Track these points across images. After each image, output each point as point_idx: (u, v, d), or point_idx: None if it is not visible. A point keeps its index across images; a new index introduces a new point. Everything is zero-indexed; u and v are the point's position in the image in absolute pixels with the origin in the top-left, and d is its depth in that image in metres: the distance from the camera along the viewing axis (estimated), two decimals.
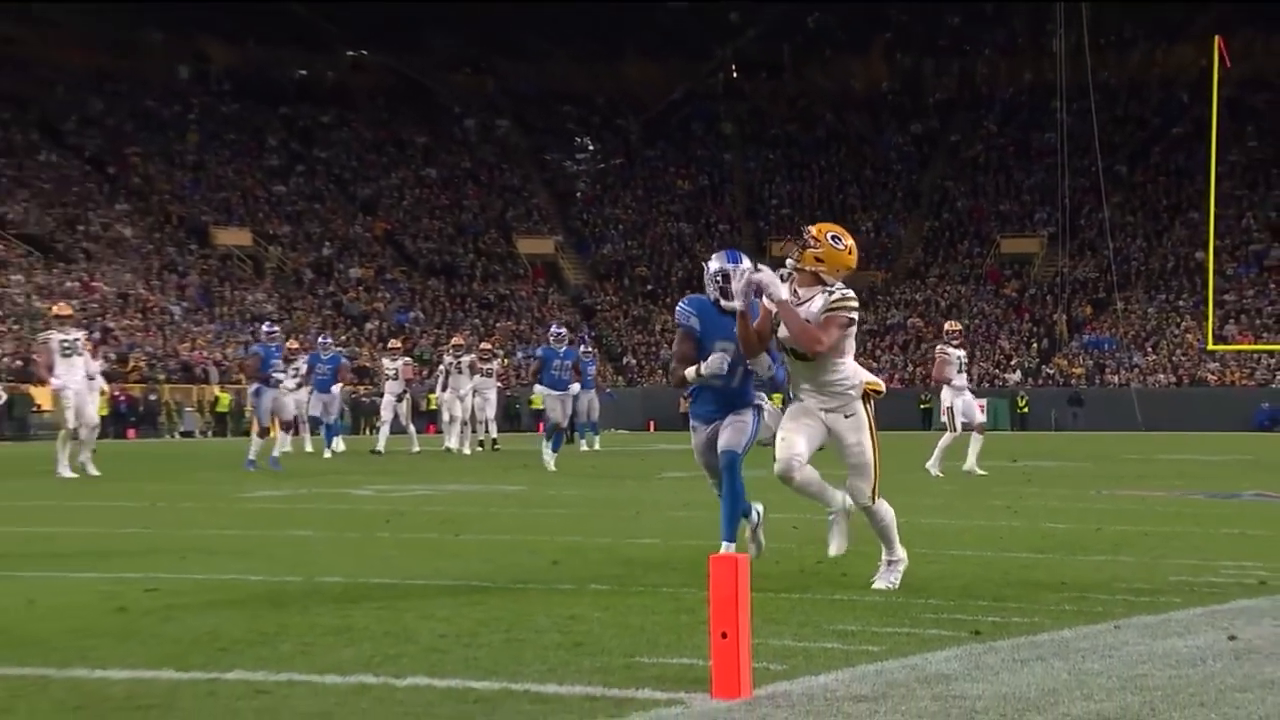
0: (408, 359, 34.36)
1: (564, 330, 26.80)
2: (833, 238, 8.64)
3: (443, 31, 79.12)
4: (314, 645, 6.58)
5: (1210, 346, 48.05)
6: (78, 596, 8.24)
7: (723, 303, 9.16)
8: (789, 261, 8.61)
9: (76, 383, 21.35)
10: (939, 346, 22.17)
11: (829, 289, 8.58)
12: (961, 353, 21.83)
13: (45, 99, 70.00)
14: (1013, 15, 78.03)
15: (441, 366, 32.02)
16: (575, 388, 25.80)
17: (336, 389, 29.68)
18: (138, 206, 66.59)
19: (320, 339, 32.84)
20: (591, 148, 77.24)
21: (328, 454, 28.14)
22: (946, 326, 22.65)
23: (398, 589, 8.50)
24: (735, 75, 79.43)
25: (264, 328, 27.18)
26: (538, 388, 25.37)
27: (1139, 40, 75.66)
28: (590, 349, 37.12)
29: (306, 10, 75.22)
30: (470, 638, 6.76)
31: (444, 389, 30.85)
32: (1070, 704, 5.31)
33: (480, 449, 30.65)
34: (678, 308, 9.57)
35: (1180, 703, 5.32)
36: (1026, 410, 55.90)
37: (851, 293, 8.69)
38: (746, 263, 9.14)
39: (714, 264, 9.38)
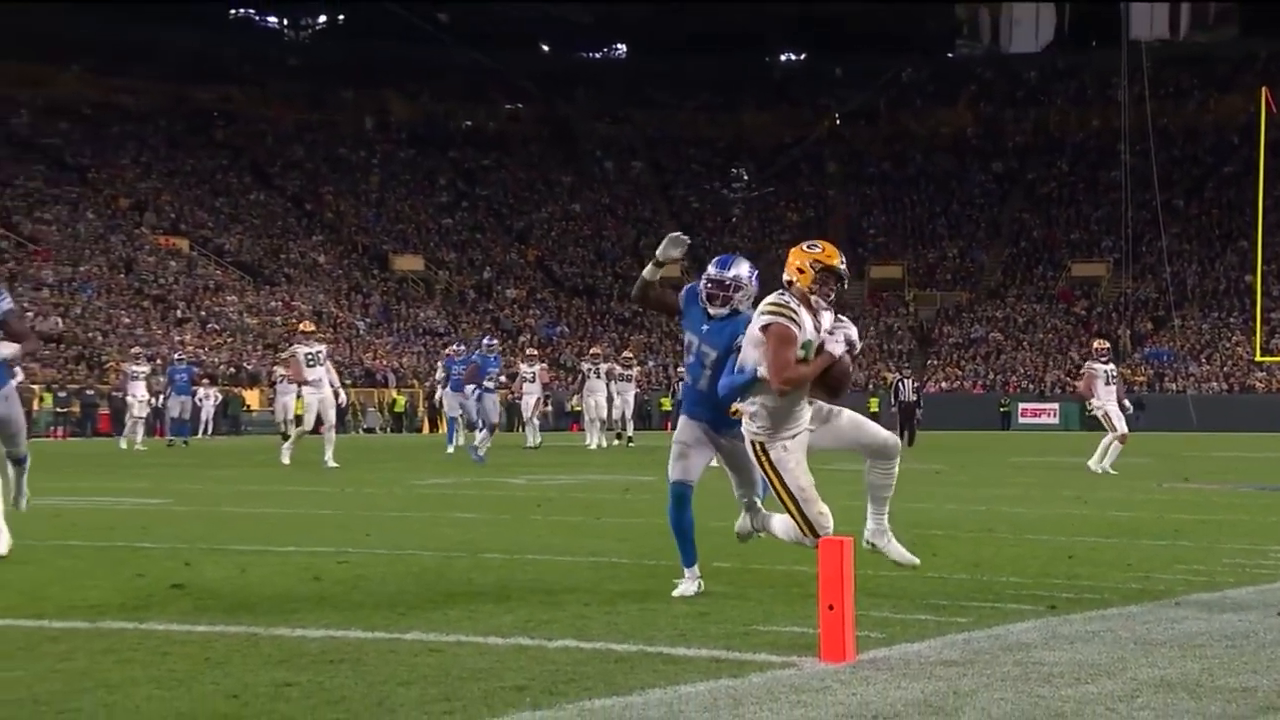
0: (543, 364, 34.25)
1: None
2: (807, 246, 7.56)
3: (586, 87, 79.62)
4: (478, 611, 6.62)
5: (1258, 358, 47.42)
6: (281, 567, 8.36)
7: (709, 309, 7.68)
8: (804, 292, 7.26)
9: (321, 389, 21.27)
10: (1088, 363, 21.29)
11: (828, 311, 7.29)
12: (1110, 367, 20.77)
13: (256, 148, 71.26)
14: (1082, 69, 77.04)
15: (581, 373, 31.98)
16: None
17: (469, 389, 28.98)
18: (330, 237, 67.56)
19: (486, 340, 32.30)
20: (716, 185, 77.16)
21: (450, 449, 27.00)
22: (1095, 345, 21.88)
23: (548, 564, 8.52)
24: (838, 122, 79.01)
25: (484, 340, 26.83)
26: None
27: (1194, 91, 74.42)
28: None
29: (472, 71, 75.91)
30: (610, 607, 6.77)
31: (580, 393, 30.80)
32: (1136, 670, 5.21)
33: (617, 443, 30.70)
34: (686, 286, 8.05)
35: (1234, 669, 5.20)
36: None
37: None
38: (744, 269, 7.84)
39: (711, 269, 7.87)
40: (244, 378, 51.00)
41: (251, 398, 49.24)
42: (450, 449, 27.01)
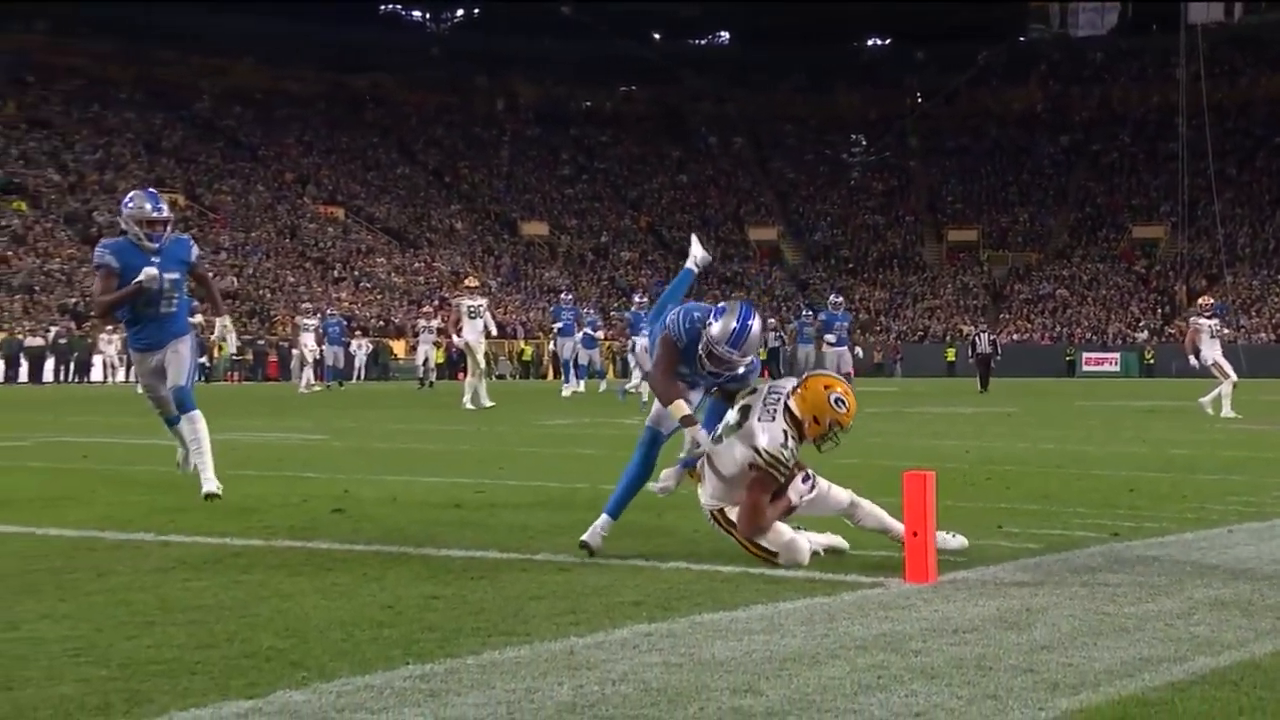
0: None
1: (841, 299, 24.79)
2: (836, 400, 5.86)
3: (693, 71, 79.14)
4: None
5: None
6: (426, 495, 8.45)
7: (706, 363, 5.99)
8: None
9: (477, 339, 21.23)
10: (1192, 318, 20.16)
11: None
12: (1214, 322, 19.46)
13: (402, 127, 71.83)
14: (1143, 51, 75.04)
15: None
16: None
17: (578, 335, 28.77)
18: (466, 206, 68.01)
19: (564, 295, 31.87)
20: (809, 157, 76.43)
21: (565, 392, 26.38)
22: (1200, 301, 20.85)
23: (661, 498, 8.52)
24: (920, 100, 77.82)
25: (635, 298, 26.51)
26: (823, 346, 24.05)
27: (1246, 69, 72.26)
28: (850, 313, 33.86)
29: (591, 58, 75.80)
30: (716, 534, 6.74)
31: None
32: (1193, 590, 5.11)
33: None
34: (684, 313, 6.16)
35: None
36: (1153, 361, 53.85)
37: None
38: (751, 353, 6.03)
39: (719, 346, 5.92)
40: (391, 330, 51.62)
41: (398, 347, 49.84)
42: (565, 392, 26.52)
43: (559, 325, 28.41)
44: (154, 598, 4.94)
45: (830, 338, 22.44)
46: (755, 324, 5.95)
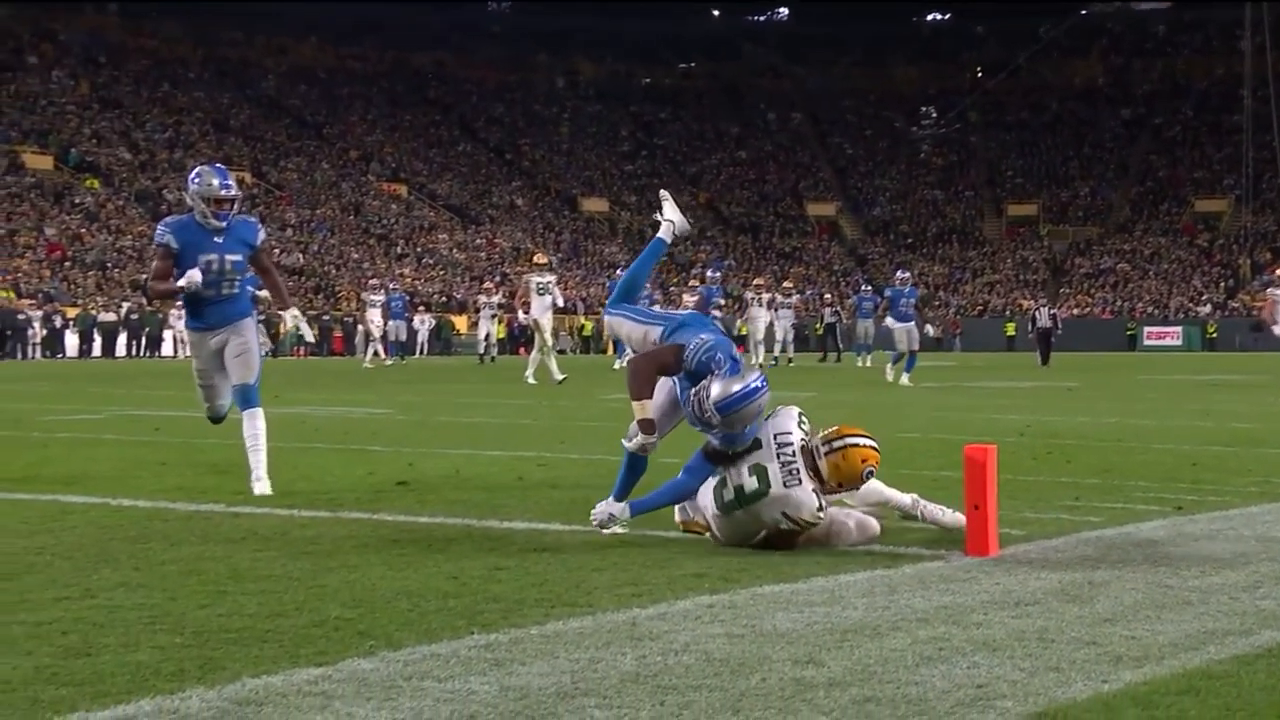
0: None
1: (908, 274, 24.34)
2: (867, 474, 5.54)
3: (752, 47, 78.71)
4: (660, 510, 6.64)
5: None
6: (489, 468, 8.48)
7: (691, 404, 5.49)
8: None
9: (546, 315, 21.26)
10: (1270, 289, 19.73)
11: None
12: None
13: (464, 105, 72.05)
14: (1207, 22, 73.71)
15: (745, 301, 31.67)
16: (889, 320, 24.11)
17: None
18: (526, 183, 68.15)
19: (618, 272, 31.73)
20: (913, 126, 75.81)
21: (617, 365, 26.51)
22: (1278, 272, 20.41)
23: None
24: (980, 74, 76.95)
25: (709, 272, 26.12)
26: (888, 320, 23.58)
27: None
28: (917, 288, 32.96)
29: (650, 35, 75.56)
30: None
31: (744, 318, 30.51)
32: (1258, 564, 5.03)
33: (774, 364, 30.53)
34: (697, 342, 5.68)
35: None
36: (1215, 335, 53.10)
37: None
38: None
39: (717, 386, 5.39)
40: (453, 305, 51.89)
41: (460, 323, 50.10)
42: (617, 365, 26.90)
43: None
44: (225, 567, 5.01)
45: (896, 313, 21.87)
46: (758, 402, 5.35)
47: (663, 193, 6.64)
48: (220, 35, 66.53)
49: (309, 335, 8.65)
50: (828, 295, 47.68)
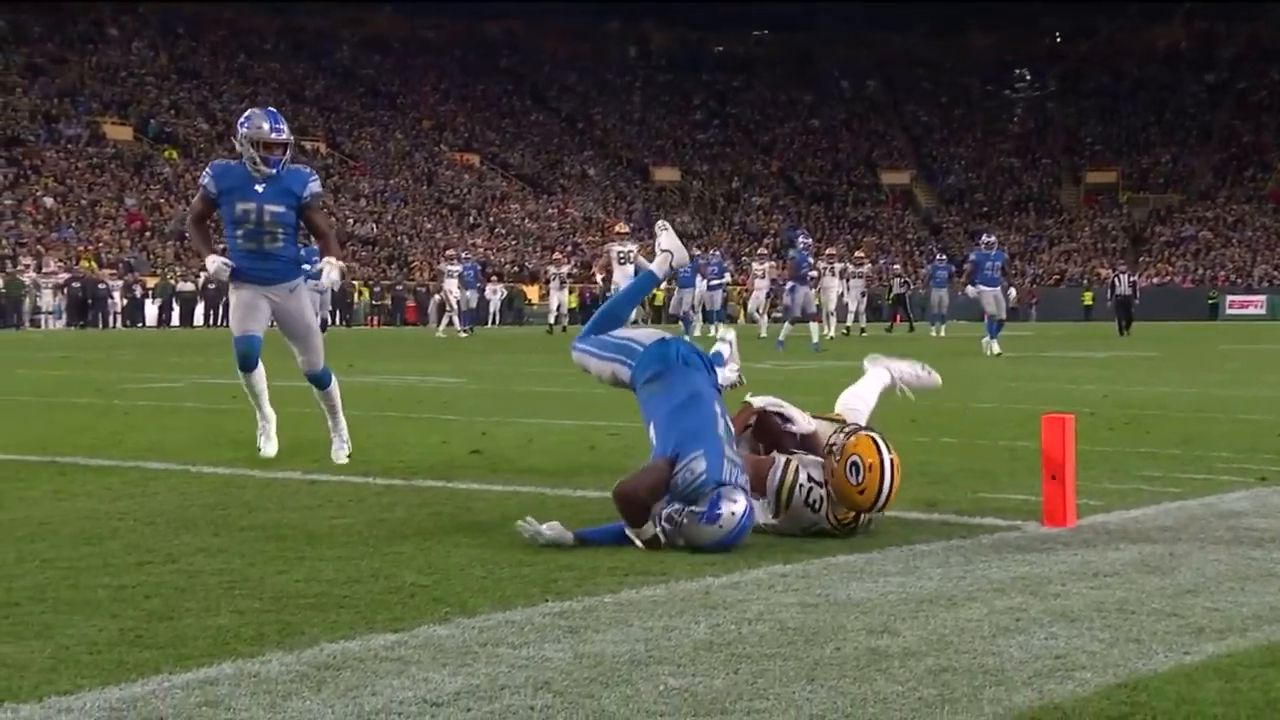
0: (773, 262, 33.64)
1: (993, 238, 23.79)
2: (851, 466, 4.94)
3: (825, 14, 78.11)
4: None
5: None
6: (561, 437, 8.51)
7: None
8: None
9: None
10: None
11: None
12: None
13: (536, 74, 72.13)
14: None
15: (818, 271, 31.30)
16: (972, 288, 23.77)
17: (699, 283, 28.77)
18: (598, 152, 68.15)
19: (802, 239, 31.30)
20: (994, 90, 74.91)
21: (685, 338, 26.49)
22: None
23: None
24: (1058, 40, 75.72)
25: (800, 239, 25.69)
26: (969, 289, 23.14)
27: None
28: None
29: (723, 3, 75.17)
30: None
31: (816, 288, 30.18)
32: None
33: (846, 334, 30.33)
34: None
35: None
36: None
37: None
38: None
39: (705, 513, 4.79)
40: (525, 275, 52.08)
41: (531, 293, 50.28)
42: (685, 338, 26.51)
43: (680, 275, 28.20)
44: (302, 534, 5.07)
45: (982, 277, 21.36)
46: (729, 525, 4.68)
47: (660, 222, 6.03)
48: (296, 6, 67.09)
49: (327, 279, 7.39)
50: (896, 265, 47.31)
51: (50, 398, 12.04)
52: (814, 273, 22.75)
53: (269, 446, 7.39)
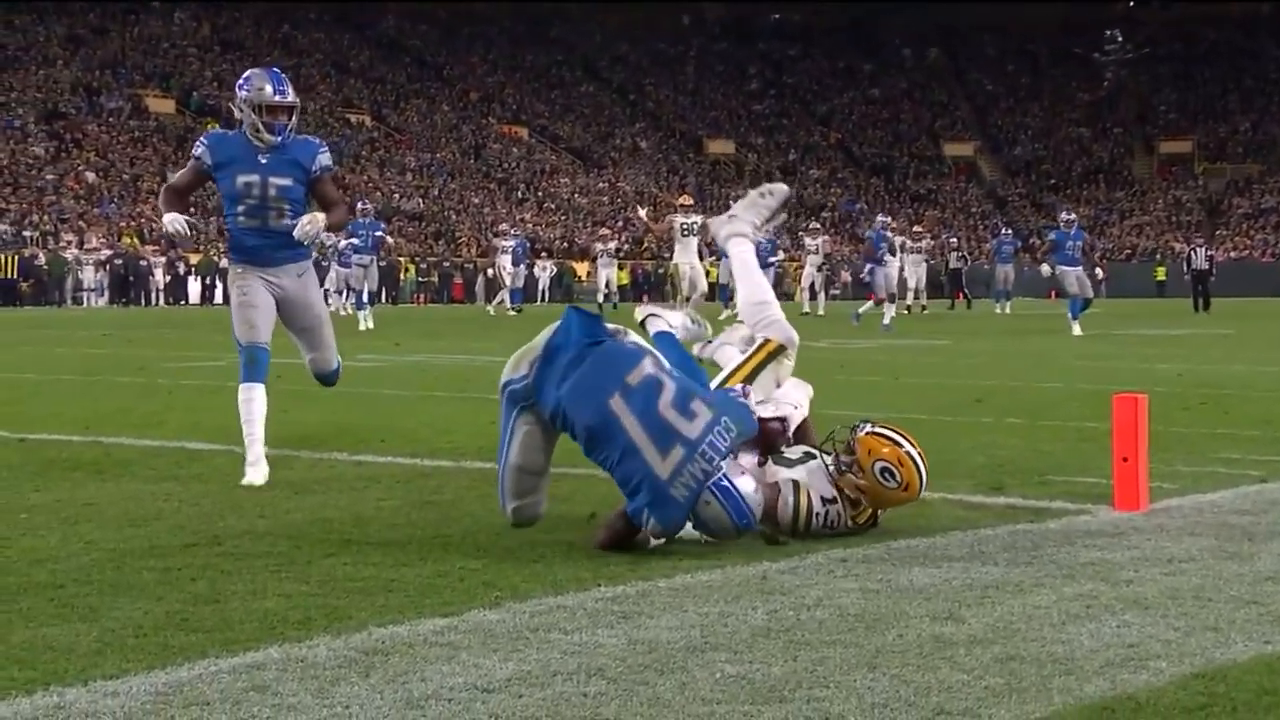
0: (826, 237, 33.36)
1: (1073, 215, 23.43)
2: (883, 471, 4.74)
3: None
4: None
5: None
6: None
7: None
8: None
9: (691, 259, 20.99)
10: None
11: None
12: None
13: (586, 44, 72.01)
14: None
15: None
16: (1045, 268, 23.20)
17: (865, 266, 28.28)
18: (650, 124, 68.02)
19: (881, 217, 30.80)
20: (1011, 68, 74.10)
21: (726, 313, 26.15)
22: None
23: (849, 419, 8.45)
24: (1132, 5, 74.74)
25: (879, 218, 25.61)
26: (1044, 267, 22.77)
27: None
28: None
29: None
30: None
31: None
32: None
33: (907, 313, 30.09)
34: None
35: None
36: None
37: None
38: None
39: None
40: (575, 251, 52.13)
41: (581, 270, 50.32)
42: (722, 316, 25.94)
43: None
44: (349, 516, 5.11)
45: (1063, 257, 20.98)
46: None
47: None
48: None
49: (309, 231, 6.36)
50: (953, 239, 46.89)
51: (93, 377, 12.20)
52: (888, 256, 22.66)
53: (258, 473, 6.17)
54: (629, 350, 4.59)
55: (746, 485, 4.41)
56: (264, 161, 6.39)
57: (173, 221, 6.46)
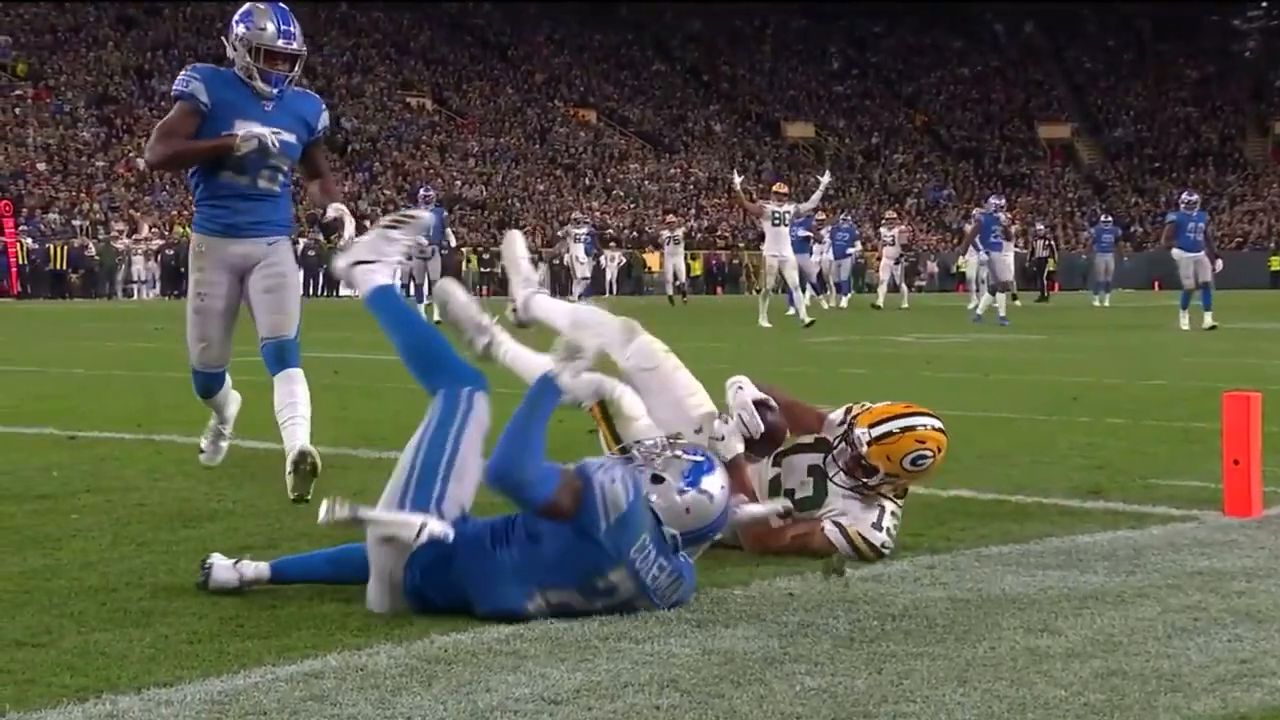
0: (903, 226, 33.05)
1: (1195, 196, 22.93)
2: (915, 461, 4.55)
3: None
4: None
5: None
6: None
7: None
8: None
9: (781, 250, 20.87)
10: None
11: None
12: None
13: (657, 23, 72.04)
14: None
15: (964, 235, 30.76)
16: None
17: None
18: (725, 106, 67.92)
19: (993, 199, 30.19)
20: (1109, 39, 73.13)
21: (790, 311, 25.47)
22: None
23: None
24: None
25: (991, 198, 25.14)
26: (1174, 251, 22.35)
27: None
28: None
29: None
30: (1002, 458, 6.63)
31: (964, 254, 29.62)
32: None
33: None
34: None
35: None
36: None
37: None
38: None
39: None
40: (644, 241, 52.16)
41: (652, 260, 50.31)
42: (790, 311, 23.21)
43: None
44: None
45: (1183, 240, 20.41)
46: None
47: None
48: None
49: (348, 232, 5.66)
50: (1040, 226, 46.30)
51: (144, 372, 12.38)
52: (999, 240, 22.07)
53: (214, 454, 6.21)
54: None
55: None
56: (268, 111, 5.64)
57: (252, 132, 5.59)
